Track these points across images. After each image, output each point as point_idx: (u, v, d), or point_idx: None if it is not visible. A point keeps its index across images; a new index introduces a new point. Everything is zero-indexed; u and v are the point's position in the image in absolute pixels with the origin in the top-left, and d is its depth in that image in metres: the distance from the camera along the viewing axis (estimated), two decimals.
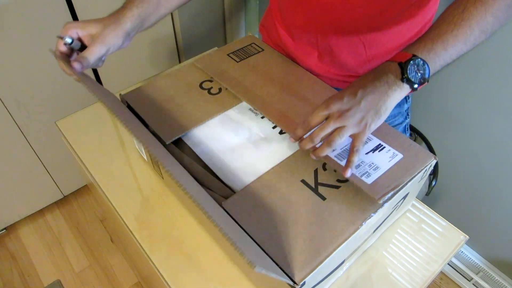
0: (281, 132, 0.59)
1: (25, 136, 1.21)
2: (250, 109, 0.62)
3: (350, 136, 0.49)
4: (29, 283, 1.31)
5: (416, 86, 0.49)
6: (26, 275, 1.33)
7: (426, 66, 0.49)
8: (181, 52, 1.39)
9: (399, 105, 0.71)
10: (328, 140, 0.49)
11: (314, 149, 0.50)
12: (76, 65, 0.53)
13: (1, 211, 1.34)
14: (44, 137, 1.25)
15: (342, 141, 0.49)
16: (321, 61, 0.70)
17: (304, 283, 0.44)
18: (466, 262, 1.26)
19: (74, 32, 0.55)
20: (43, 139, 1.26)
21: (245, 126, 0.60)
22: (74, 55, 0.57)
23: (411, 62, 0.49)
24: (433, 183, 0.70)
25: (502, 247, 1.14)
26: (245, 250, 0.35)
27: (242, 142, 0.57)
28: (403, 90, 0.49)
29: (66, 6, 1.06)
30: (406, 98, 0.74)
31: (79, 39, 0.56)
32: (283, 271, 0.44)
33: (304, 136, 0.51)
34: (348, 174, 0.49)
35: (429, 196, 1.02)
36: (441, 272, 1.32)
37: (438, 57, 0.50)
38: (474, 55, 0.91)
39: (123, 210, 0.59)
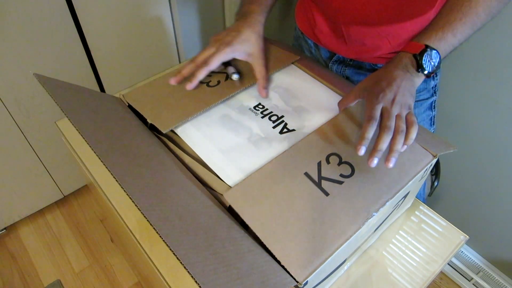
0: (281, 132, 0.59)
1: (25, 136, 1.21)
2: (250, 108, 0.62)
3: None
4: (29, 283, 1.31)
5: (428, 73, 0.56)
6: (26, 275, 1.33)
7: (438, 55, 0.56)
8: (181, 52, 1.40)
9: (425, 81, 0.74)
10: (397, 130, 0.51)
11: (390, 149, 0.51)
12: (265, 94, 0.64)
13: (1, 211, 1.35)
14: (44, 137, 1.25)
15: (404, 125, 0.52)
16: (346, 45, 0.73)
17: (306, 283, 0.44)
18: (466, 262, 1.26)
19: (231, 56, 0.64)
20: (43, 139, 1.26)
21: (245, 126, 0.60)
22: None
23: (425, 53, 0.56)
24: (435, 183, 0.70)
25: (502, 247, 1.14)
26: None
27: (243, 142, 0.57)
28: (420, 77, 0.57)
29: (66, 6, 1.06)
30: (433, 75, 0.75)
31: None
32: (285, 270, 0.44)
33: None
34: (405, 147, 0.52)
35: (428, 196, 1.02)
36: (441, 272, 1.32)
37: (447, 44, 0.57)
38: (474, 55, 0.91)
39: (123, 210, 0.59)
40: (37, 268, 1.35)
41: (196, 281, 0.37)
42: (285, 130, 0.59)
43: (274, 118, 0.61)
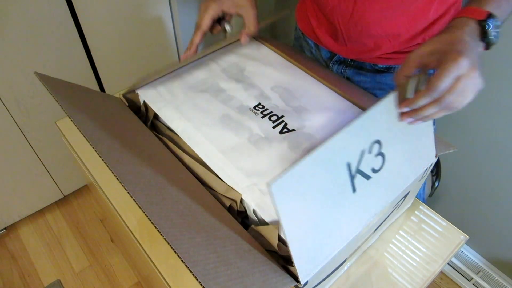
0: (281, 132, 0.59)
1: (25, 136, 1.21)
2: (250, 108, 0.62)
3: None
4: (29, 283, 1.31)
5: (491, 44, 0.48)
6: (26, 275, 1.33)
7: (498, 25, 0.47)
8: (181, 52, 1.39)
9: None
10: (447, 107, 0.44)
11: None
12: (245, 40, 0.67)
13: (1, 211, 1.34)
14: (44, 137, 1.25)
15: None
16: (346, 45, 0.72)
17: (306, 283, 0.44)
18: (466, 262, 1.26)
19: (218, 10, 0.64)
20: (43, 139, 1.26)
21: (245, 126, 0.60)
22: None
23: (489, 20, 0.47)
24: (436, 184, 0.69)
25: (502, 247, 1.14)
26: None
27: (243, 142, 0.57)
28: (479, 48, 0.48)
29: (66, 6, 1.06)
30: None
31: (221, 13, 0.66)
32: (286, 270, 0.44)
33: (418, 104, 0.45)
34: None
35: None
36: (441, 272, 1.32)
37: (503, 13, 0.49)
38: None
39: (123, 210, 0.59)
40: (37, 268, 1.35)
41: (197, 279, 0.37)
42: (285, 130, 0.59)
43: (274, 118, 0.61)
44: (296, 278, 0.44)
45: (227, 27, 0.65)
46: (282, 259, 0.48)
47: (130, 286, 1.31)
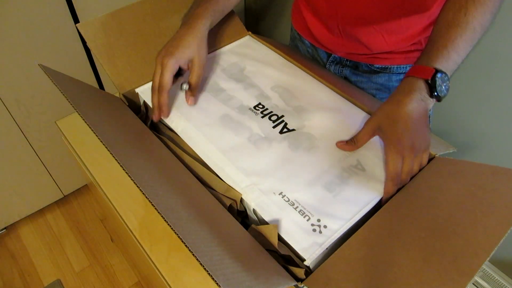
0: (281, 132, 0.59)
1: (25, 136, 1.21)
2: (250, 108, 0.62)
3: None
4: (29, 283, 1.31)
5: (442, 97, 0.52)
6: (26, 274, 1.33)
7: (447, 77, 0.52)
8: None
9: None
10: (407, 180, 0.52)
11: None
12: (192, 101, 0.62)
13: (1, 211, 1.35)
14: (44, 137, 1.25)
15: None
16: (341, 42, 0.73)
17: (304, 279, 0.44)
18: None
19: (176, 66, 0.60)
20: (43, 139, 1.26)
21: (245, 125, 0.60)
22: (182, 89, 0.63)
23: (437, 77, 0.51)
24: None
25: (502, 247, 1.14)
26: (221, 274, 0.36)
27: (243, 142, 0.57)
28: (432, 102, 0.53)
29: (66, 6, 1.06)
30: None
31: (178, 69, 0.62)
32: (288, 271, 0.44)
33: None
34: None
35: None
36: None
37: (454, 63, 0.53)
38: (474, 55, 0.91)
39: (123, 210, 0.59)
40: (37, 267, 1.35)
41: (205, 269, 0.37)
42: (285, 130, 0.59)
43: (274, 118, 0.61)
44: (296, 278, 0.44)
45: (184, 86, 0.62)
46: (282, 259, 0.48)
47: (130, 286, 1.31)
